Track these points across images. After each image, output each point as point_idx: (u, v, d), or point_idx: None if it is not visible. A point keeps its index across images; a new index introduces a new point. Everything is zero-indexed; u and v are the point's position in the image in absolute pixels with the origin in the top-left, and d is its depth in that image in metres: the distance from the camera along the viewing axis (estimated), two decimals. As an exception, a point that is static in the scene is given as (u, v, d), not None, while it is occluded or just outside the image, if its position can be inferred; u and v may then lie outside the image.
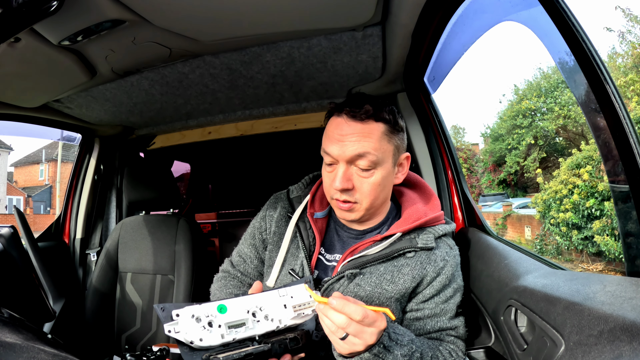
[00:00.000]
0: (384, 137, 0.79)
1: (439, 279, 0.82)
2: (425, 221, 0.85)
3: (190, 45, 1.01)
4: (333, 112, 0.83)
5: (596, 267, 6.80)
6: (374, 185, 0.79)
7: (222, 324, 0.63)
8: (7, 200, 19.55)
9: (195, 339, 0.61)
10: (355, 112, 0.77)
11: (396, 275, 0.82)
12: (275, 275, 0.89)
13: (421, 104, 1.38)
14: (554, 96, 14.62)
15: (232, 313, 0.65)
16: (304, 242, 0.88)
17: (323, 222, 0.93)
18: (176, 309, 0.63)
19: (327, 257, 0.90)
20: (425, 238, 0.83)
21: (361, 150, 0.76)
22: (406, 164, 0.87)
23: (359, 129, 0.77)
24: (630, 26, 11.41)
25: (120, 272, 1.60)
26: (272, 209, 0.99)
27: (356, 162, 0.78)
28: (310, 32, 1.01)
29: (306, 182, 1.02)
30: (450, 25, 0.94)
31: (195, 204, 2.84)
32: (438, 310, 0.83)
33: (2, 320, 0.58)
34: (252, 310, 0.67)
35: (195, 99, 1.46)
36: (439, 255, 0.84)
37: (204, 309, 0.64)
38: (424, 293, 0.83)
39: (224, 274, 1.01)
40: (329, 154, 0.80)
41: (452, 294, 0.84)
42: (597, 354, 0.42)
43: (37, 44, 0.87)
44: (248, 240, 1.00)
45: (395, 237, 0.83)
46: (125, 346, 1.54)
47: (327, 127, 0.83)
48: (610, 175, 0.59)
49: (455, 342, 0.83)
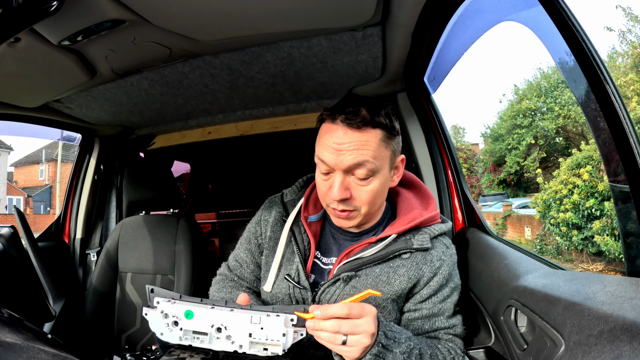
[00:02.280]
0: (381, 144, 0.76)
1: (436, 279, 0.82)
2: (420, 221, 0.85)
3: (190, 45, 1.01)
4: (327, 116, 0.79)
5: (596, 267, 6.80)
6: (373, 192, 0.77)
7: (184, 328, 0.67)
8: (7, 200, 19.55)
9: (157, 332, 0.67)
10: (352, 120, 0.74)
11: (392, 276, 0.81)
12: (271, 280, 0.88)
13: (421, 104, 1.38)
14: (554, 96, 14.63)
15: (196, 321, 0.67)
16: (299, 247, 0.88)
17: (318, 225, 0.92)
18: (159, 297, 0.68)
19: (324, 261, 0.89)
20: (420, 239, 0.83)
21: (359, 159, 0.74)
22: (401, 167, 0.86)
23: (356, 138, 0.74)
24: (631, 26, 11.42)
25: (120, 272, 1.60)
26: (267, 213, 0.98)
27: (354, 171, 0.76)
28: (310, 32, 1.01)
29: (300, 185, 1.00)
30: (450, 25, 0.94)
31: (195, 204, 2.84)
32: (436, 310, 0.83)
33: (2, 320, 0.58)
34: (217, 325, 0.67)
35: (195, 99, 1.46)
36: (435, 255, 0.83)
37: (176, 307, 0.67)
38: (421, 293, 0.83)
39: (221, 277, 1.01)
40: (324, 162, 0.77)
41: (450, 293, 0.84)
42: (597, 354, 0.42)
43: (37, 44, 0.87)
44: (244, 245, 0.99)
45: (391, 239, 0.83)
46: (125, 346, 1.54)
47: (321, 133, 0.79)
48: (610, 175, 0.59)
49: (454, 340, 0.83)
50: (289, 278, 0.85)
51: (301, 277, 0.85)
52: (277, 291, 0.87)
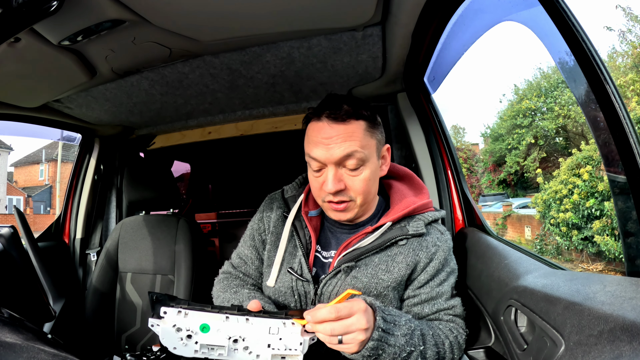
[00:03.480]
0: (366, 133, 0.80)
1: (432, 264, 0.85)
2: (414, 208, 0.88)
3: (190, 45, 1.01)
4: (312, 116, 0.83)
5: (596, 267, 6.79)
6: (365, 181, 0.81)
7: (199, 342, 0.64)
8: (7, 200, 19.55)
9: (170, 346, 0.63)
10: (337, 114, 0.78)
11: (390, 264, 0.84)
12: (275, 274, 0.90)
13: (421, 104, 1.38)
14: (554, 96, 14.63)
15: (213, 335, 0.64)
16: (301, 241, 0.90)
17: (317, 220, 0.95)
18: (166, 307, 0.64)
19: (324, 255, 0.91)
20: (415, 225, 0.86)
21: (348, 150, 0.78)
22: (388, 156, 0.90)
23: (342, 130, 0.78)
24: (631, 25, 11.42)
25: (120, 272, 1.60)
26: (269, 209, 1.00)
27: (344, 163, 0.79)
28: (310, 32, 1.01)
29: (299, 182, 1.04)
30: (450, 25, 0.94)
31: (195, 204, 2.84)
32: (434, 293, 0.85)
33: (2, 320, 0.58)
34: (234, 337, 0.65)
35: (195, 99, 1.46)
36: (430, 241, 0.86)
37: (189, 320, 0.64)
38: (419, 279, 0.85)
39: (225, 275, 1.02)
40: (315, 158, 0.81)
41: (446, 276, 0.87)
42: (597, 354, 0.42)
43: (37, 44, 0.87)
44: (248, 242, 1.01)
45: (386, 227, 0.85)
46: (125, 346, 1.54)
47: (309, 132, 0.83)
48: (610, 175, 0.59)
49: (454, 320, 0.85)
50: (292, 271, 0.87)
51: (304, 270, 0.87)
52: (280, 285, 0.89)
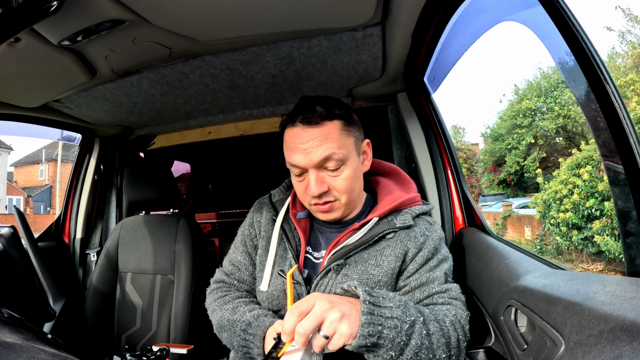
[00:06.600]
0: (342, 133, 0.80)
1: (421, 254, 0.83)
2: (400, 202, 0.87)
3: (190, 45, 1.01)
4: (287, 123, 0.84)
5: (596, 267, 6.79)
6: (348, 179, 0.82)
7: None
8: (7, 200, 19.54)
9: None
10: (310, 118, 0.79)
11: (379, 258, 0.83)
12: (267, 278, 0.90)
13: (421, 104, 1.38)
14: (554, 96, 14.62)
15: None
16: (291, 243, 0.90)
17: (306, 222, 0.94)
18: None
19: (315, 255, 0.91)
20: (402, 218, 0.85)
21: (326, 153, 0.78)
22: (369, 150, 0.90)
23: (317, 133, 0.78)
24: (630, 26, 11.42)
25: (120, 272, 1.60)
26: (258, 214, 1.00)
27: (324, 165, 0.80)
28: (310, 32, 1.01)
29: (286, 185, 1.04)
30: (450, 25, 0.94)
31: (195, 204, 2.84)
32: (424, 279, 0.82)
33: (2, 320, 0.58)
34: None
35: (195, 99, 1.46)
36: (418, 231, 0.85)
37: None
38: (409, 269, 0.84)
39: (218, 285, 1.00)
40: (295, 165, 0.81)
41: (437, 263, 0.84)
42: (597, 354, 0.42)
43: (37, 44, 0.87)
44: (240, 248, 1.00)
45: (373, 222, 0.85)
46: (125, 346, 1.54)
47: (286, 139, 0.84)
48: (610, 175, 0.59)
49: (451, 302, 0.80)
50: (282, 274, 0.87)
51: (295, 273, 0.86)
52: (273, 289, 0.88)
